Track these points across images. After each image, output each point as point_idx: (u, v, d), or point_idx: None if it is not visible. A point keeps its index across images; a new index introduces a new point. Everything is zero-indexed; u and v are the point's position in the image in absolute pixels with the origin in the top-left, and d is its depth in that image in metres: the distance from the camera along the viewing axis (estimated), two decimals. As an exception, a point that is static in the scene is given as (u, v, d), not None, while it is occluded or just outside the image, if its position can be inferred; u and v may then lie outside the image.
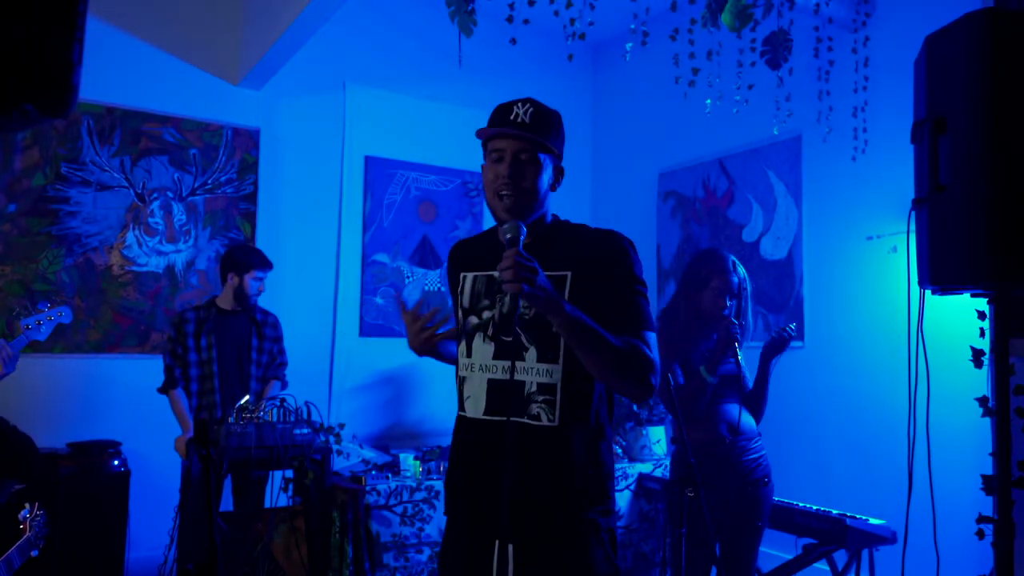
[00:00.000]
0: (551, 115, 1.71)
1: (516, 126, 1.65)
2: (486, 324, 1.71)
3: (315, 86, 5.01)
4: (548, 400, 1.65)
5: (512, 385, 1.66)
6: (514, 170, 1.65)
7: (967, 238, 1.72)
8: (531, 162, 1.66)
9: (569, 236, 1.74)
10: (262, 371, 3.74)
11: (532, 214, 1.69)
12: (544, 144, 1.67)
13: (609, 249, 1.70)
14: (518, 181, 1.65)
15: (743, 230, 4.80)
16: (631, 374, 1.61)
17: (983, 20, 1.72)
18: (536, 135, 1.65)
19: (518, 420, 1.65)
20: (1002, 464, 1.78)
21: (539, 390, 1.65)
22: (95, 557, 3.68)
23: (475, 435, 1.70)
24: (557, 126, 1.72)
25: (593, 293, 1.65)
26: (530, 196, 1.67)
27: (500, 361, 1.68)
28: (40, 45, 0.61)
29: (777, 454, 4.37)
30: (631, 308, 1.65)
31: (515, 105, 1.69)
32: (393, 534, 3.20)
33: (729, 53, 3.80)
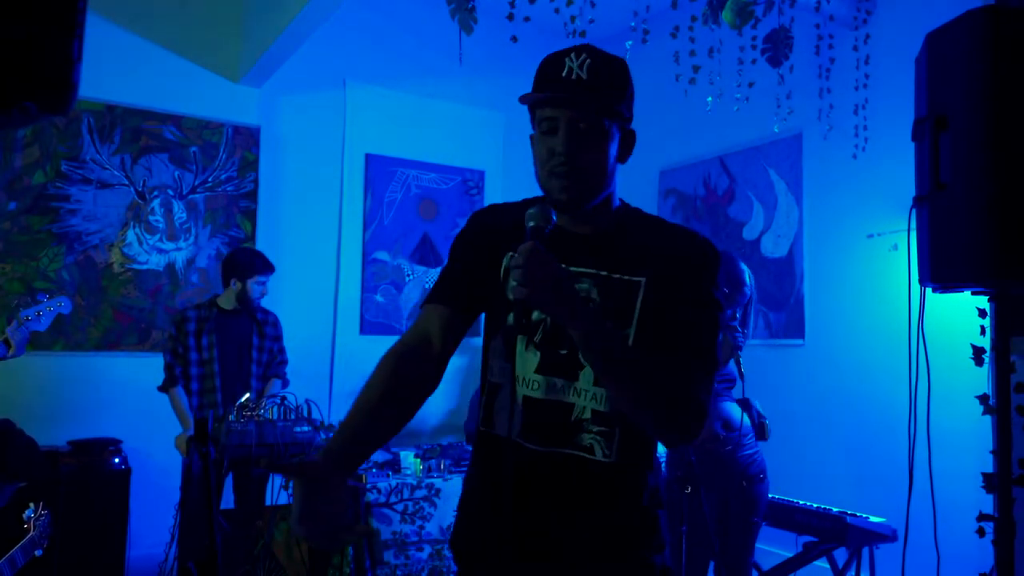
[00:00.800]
0: (615, 65, 1.32)
1: (570, 86, 1.28)
2: (535, 327, 1.36)
3: (315, 84, 5.01)
4: (605, 432, 1.32)
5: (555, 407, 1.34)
6: (572, 144, 1.28)
7: (968, 236, 1.72)
8: (593, 132, 1.28)
9: (645, 230, 1.38)
10: (262, 370, 3.75)
11: (596, 197, 1.33)
12: (609, 107, 1.29)
13: (694, 255, 1.34)
14: (577, 158, 1.28)
15: (744, 228, 4.79)
16: (668, 419, 1.26)
17: (984, 17, 1.72)
18: (598, 96, 1.28)
19: (562, 451, 1.33)
20: (1003, 462, 1.78)
21: (594, 418, 1.32)
22: (96, 555, 3.69)
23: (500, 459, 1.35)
24: (623, 78, 1.33)
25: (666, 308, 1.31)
26: (593, 175, 1.31)
27: (543, 376, 1.35)
28: (40, 42, 0.61)
29: (777, 452, 4.37)
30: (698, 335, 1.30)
31: (567, 57, 1.30)
32: (393, 532, 3.20)
33: (730, 51, 3.79)
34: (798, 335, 4.42)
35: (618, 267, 1.33)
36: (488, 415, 1.40)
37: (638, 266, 1.33)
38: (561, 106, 1.28)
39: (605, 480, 1.33)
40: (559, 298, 1.19)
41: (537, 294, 1.17)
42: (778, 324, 4.53)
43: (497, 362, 1.40)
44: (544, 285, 1.17)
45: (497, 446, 1.37)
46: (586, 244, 1.36)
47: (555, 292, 1.19)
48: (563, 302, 1.20)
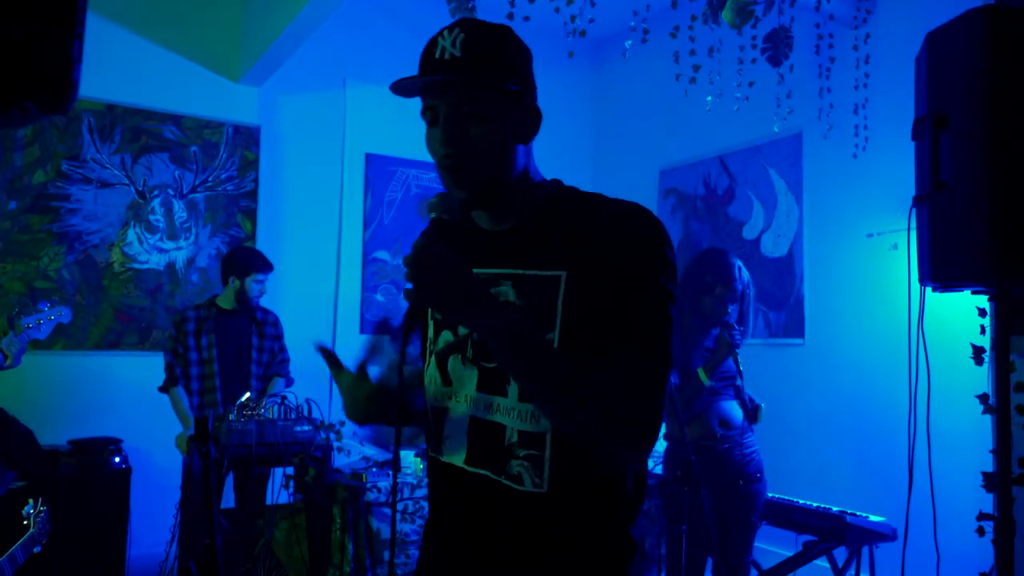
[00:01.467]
0: (494, 36, 1.14)
1: (444, 67, 1.12)
2: (463, 343, 1.20)
3: (316, 83, 5.01)
4: (533, 456, 1.12)
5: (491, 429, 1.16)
6: (453, 133, 1.12)
7: (968, 235, 1.72)
8: (477, 114, 1.11)
9: (571, 215, 1.17)
10: (263, 370, 3.75)
11: (499, 187, 1.15)
12: (491, 82, 1.12)
13: (626, 232, 1.11)
14: (463, 147, 1.12)
15: (744, 227, 4.79)
16: (610, 431, 1.05)
17: (984, 17, 1.72)
18: (474, 73, 1.11)
19: (494, 477, 1.15)
20: (1002, 461, 1.78)
21: (521, 440, 1.13)
22: (96, 554, 3.69)
23: (454, 489, 1.22)
24: (507, 49, 1.15)
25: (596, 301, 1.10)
26: (486, 161, 1.13)
27: (483, 395, 1.17)
28: (40, 42, 0.61)
29: (777, 451, 4.37)
30: (639, 327, 1.08)
31: (440, 37, 1.14)
32: (394, 531, 3.21)
33: (730, 50, 3.79)
34: (798, 335, 4.42)
35: (535, 262, 1.14)
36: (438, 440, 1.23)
37: (559, 258, 1.13)
38: (437, 93, 1.14)
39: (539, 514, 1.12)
40: (457, 300, 1.03)
41: (430, 295, 1.03)
42: (778, 324, 4.53)
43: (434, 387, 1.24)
44: (439, 285, 1.02)
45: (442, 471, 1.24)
46: (503, 240, 1.19)
47: (452, 293, 1.02)
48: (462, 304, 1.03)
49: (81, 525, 3.63)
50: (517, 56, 1.16)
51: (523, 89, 1.16)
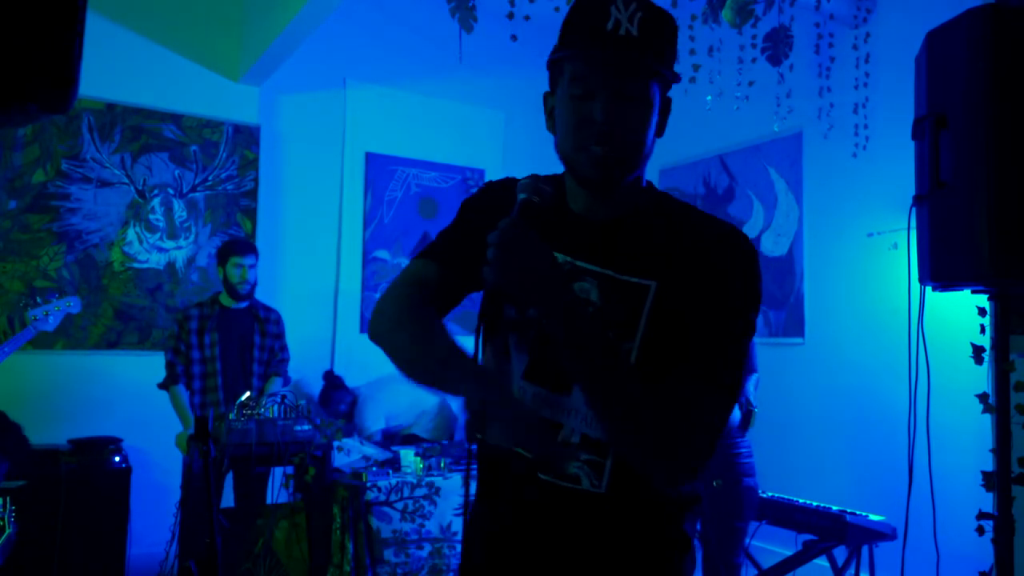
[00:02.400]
0: (667, 20, 1.08)
1: (620, 44, 1.03)
2: (524, 325, 1.14)
3: (316, 83, 5.01)
4: (593, 461, 1.09)
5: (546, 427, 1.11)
6: (614, 113, 1.04)
7: (968, 235, 1.72)
8: (638, 100, 1.05)
9: (669, 221, 1.13)
10: (264, 368, 3.75)
11: (630, 175, 1.10)
12: (659, 72, 1.06)
13: (723, 254, 1.08)
14: (621, 130, 1.05)
15: (744, 227, 4.79)
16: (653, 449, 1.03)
17: (984, 16, 1.72)
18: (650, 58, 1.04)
19: (546, 479, 1.12)
20: (1002, 460, 1.78)
21: (584, 443, 1.10)
22: (96, 553, 3.69)
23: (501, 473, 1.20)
24: (674, 39, 1.10)
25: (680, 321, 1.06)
26: (634, 152, 1.08)
27: (531, 386, 1.13)
28: (40, 41, 0.61)
29: (777, 450, 4.38)
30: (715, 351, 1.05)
31: (612, 6, 1.04)
32: (393, 530, 3.21)
33: (730, 49, 3.79)
34: (798, 334, 4.42)
35: (628, 266, 1.09)
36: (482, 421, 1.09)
37: (652, 266, 1.09)
38: (609, 69, 1.04)
39: (597, 514, 1.11)
40: (538, 290, 1.00)
41: (510, 280, 0.99)
42: (778, 323, 4.53)
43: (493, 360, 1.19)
44: (520, 271, 0.99)
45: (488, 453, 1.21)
46: (596, 234, 1.13)
47: (532, 281, 0.99)
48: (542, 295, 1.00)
49: (81, 524, 3.63)
50: (675, 48, 1.12)
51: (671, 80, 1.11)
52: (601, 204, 1.14)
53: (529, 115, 5.76)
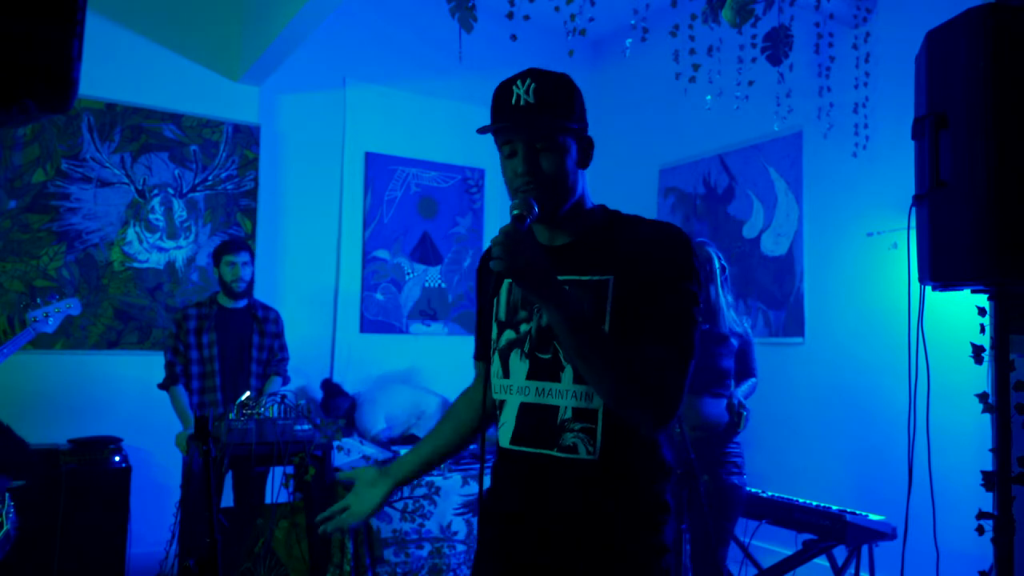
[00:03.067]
0: (560, 84, 1.40)
1: (520, 112, 1.38)
2: (523, 339, 1.46)
3: (315, 82, 5.01)
4: (587, 428, 1.38)
5: (542, 411, 1.41)
6: (530, 164, 1.38)
7: (968, 234, 1.72)
8: (549, 149, 1.38)
9: (617, 231, 1.46)
10: (262, 368, 3.75)
11: (564, 205, 1.42)
12: (558, 125, 1.38)
13: (659, 246, 1.40)
14: (538, 174, 1.38)
15: (743, 226, 4.79)
16: (634, 398, 1.32)
17: (984, 15, 1.72)
18: (547, 117, 1.37)
19: (547, 452, 1.40)
20: (1002, 460, 1.78)
21: (576, 416, 1.39)
22: (97, 552, 3.69)
23: (506, 467, 1.49)
24: (569, 94, 1.42)
25: (636, 300, 1.37)
26: (557, 187, 1.39)
27: (533, 382, 1.44)
28: (40, 41, 0.61)
29: (777, 450, 4.38)
30: (665, 319, 1.35)
31: (514, 85, 1.39)
32: (393, 530, 3.21)
33: (729, 49, 3.79)
34: (798, 333, 4.42)
35: (589, 269, 1.41)
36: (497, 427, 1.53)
37: (608, 266, 1.40)
38: (515, 133, 1.39)
39: (591, 478, 1.38)
40: (533, 271, 1.26)
41: (514, 266, 1.24)
42: (778, 322, 4.54)
43: (497, 380, 1.50)
44: (521, 259, 1.25)
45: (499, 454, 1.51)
46: (561, 254, 1.44)
47: (529, 266, 1.25)
48: (536, 276, 1.27)
49: (81, 524, 3.64)
50: (576, 99, 1.43)
51: (580, 127, 1.43)
52: (556, 232, 1.47)
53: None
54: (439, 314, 5.38)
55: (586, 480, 1.38)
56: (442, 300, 5.40)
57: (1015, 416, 1.81)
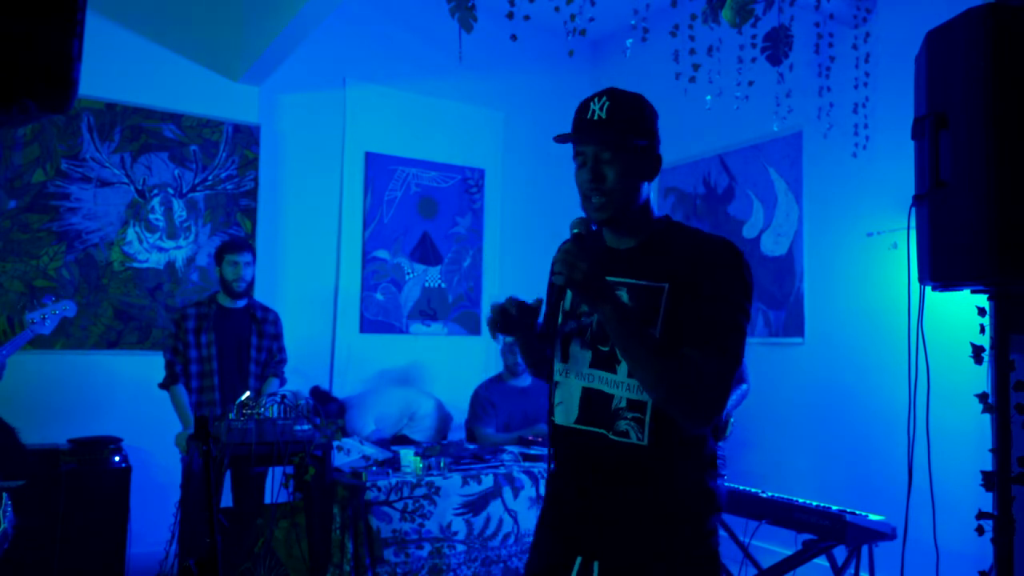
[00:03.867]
0: (632, 103, 1.58)
1: (592, 126, 1.55)
2: (585, 330, 1.62)
3: (315, 82, 5.01)
4: (637, 418, 1.53)
5: (601, 397, 1.57)
6: (596, 173, 1.54)
7: (968, 234, 1.72)
8: (614, 161, 1.54)
9: (674, 243, 1.59)
10: (260, 368, 3.75)
11: (626, 213, 1.58)
12: (624, 140, 1.54)
13: (713, 258, 1.52)
14: (601, 184, 1.54)
15: (744, 226, 4.79)
16: (675, 398, 1.45)
17: (984, 15, 1.72)
18: (614, 132, 1.54)
19: (605, 433, 1.55)
20: (1002, 460, 1.78)
21: (629, 406, 1.54)
22: (96, 552, 3.69)
23: (565, 444, 1.63)
24: (640, 112, 1.59)
25: (687, 308, 1.50)
26: (620, 197, 1.55)
27: (596, 371, 1.59)
28: (40, 40, 0.61)
29: (777, 450, 4.38)
30: (711, 327, 1.47)
31: (592, 101, 1.57)
32: (393, 530, 3.20)
33: (729, 49, 3.79)
34: (797, 333, 4.42)
35: (646, 275, 1.55)
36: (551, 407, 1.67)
37: (664, 274, 1.53)
38: (585, 143, 1.55)
39: (640, 462, 1.52)
40: (590, 284, 1.44)
41: (573, 279, 1.44)
42: (778, 322, 4.54)
43: (556, 364, 1.66)
44: (579, 273, 1.43)
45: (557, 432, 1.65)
46: (623, 257, 1.60)
47: (586, 279, 1.44)
48: (593, 288, 1.45)
49: (81, 524, 3.63)
50: (646, 117, 1.60)
51: (649, 143, 1.59)
52: (622, 237, 1.62)
53: (528, 115, 5.77)
54: (439, 314, 5.38)
55: (637, 464, 1.52)
56: (442, 300, 5.40)
57: (1015, 416, 1.81)
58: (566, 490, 1.63)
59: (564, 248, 1.47)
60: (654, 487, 1.53)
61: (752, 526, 3.31)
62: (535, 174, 5.70)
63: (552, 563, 1.63)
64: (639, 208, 1.59)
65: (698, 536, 1.54)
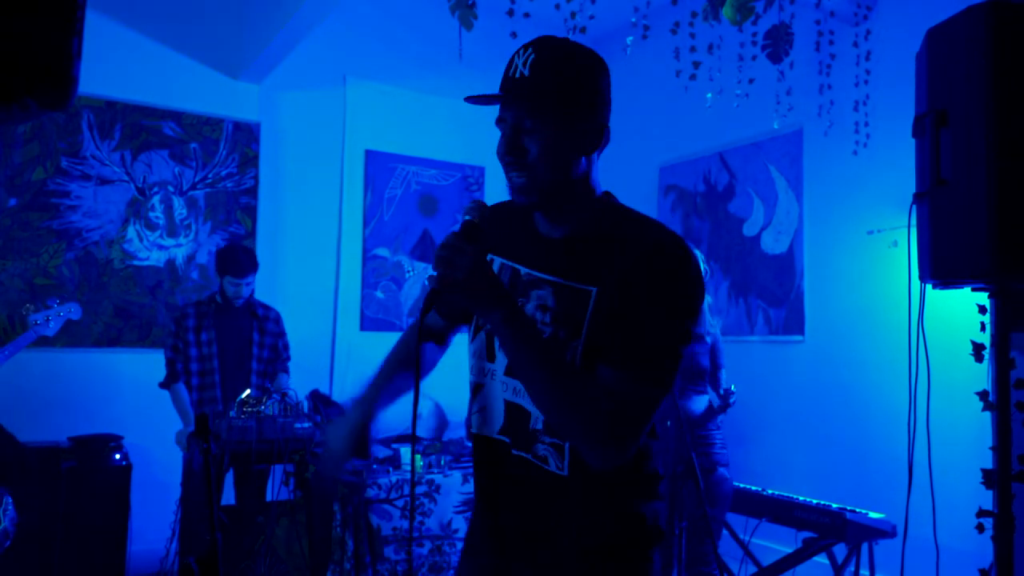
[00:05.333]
0: (565, 57, 1.23)
1: (512, 86, 1.23)
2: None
3: (315, 80, 5.01)
4: (556, 444, 1.25)
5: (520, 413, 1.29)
6: (513, 145, 1.23)
7: (968, 232, 1.72)
8: (536, 131, 1.22)
9: (613, 234, 1.27)
10: (263, 366, 3.75)
11: (555, 191, 1.25)
12: (551, 104, 1.21)
13: (655, 260, 1.21)
14: (521, 158, 1.22)
15: (744, 224, 4.79)
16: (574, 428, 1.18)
17: (984, 13, 1.72)
18: (537, 95, 1.21)
19: (525, 456, 1.29)
20: (1002, 458, 1.78)
21: (546, 429, 1.26)
22: (97, 550, 3.69)
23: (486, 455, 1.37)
24: (574, 69, 1.24)
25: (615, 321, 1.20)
26: (543, 172, 1.22)
27: (509, 380, 1.30)
28: (39, 38, 0.61)
29: (777, 448, 4.38)
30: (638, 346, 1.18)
31: (514, 57, 1.24)
32: (394, 527, 3.21)
33: (730, 47, 3.79)
34: (798, 331, 4.42)
35: (574, 275, 1.25)
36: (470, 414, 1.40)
37: (595, 274, 1.24)
38: (503, 106, 1.25)
39: (560, 495, 1.26)
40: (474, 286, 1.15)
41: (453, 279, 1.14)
42: (778, 320, 4.53)
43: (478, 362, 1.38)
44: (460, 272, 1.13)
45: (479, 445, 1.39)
46: (552, 249, 1.30)
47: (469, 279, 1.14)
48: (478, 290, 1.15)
49: (82, 522, 3.64)
50: (583, 76, 1.25)
51: (589, 109, 1.26)
52: (555, 223, 1.31)
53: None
54: (439, 312, 5.38)
55: (557, 496, 1.26)
56: (442, 298, 5.40)
57: (1015, 414, 1.81)
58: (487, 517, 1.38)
59: (446, 241, 1.16)
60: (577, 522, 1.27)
61: (752, 524, 3.32)
62: (535, 172, 5.70)
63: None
64: (574, 189, 1.27)
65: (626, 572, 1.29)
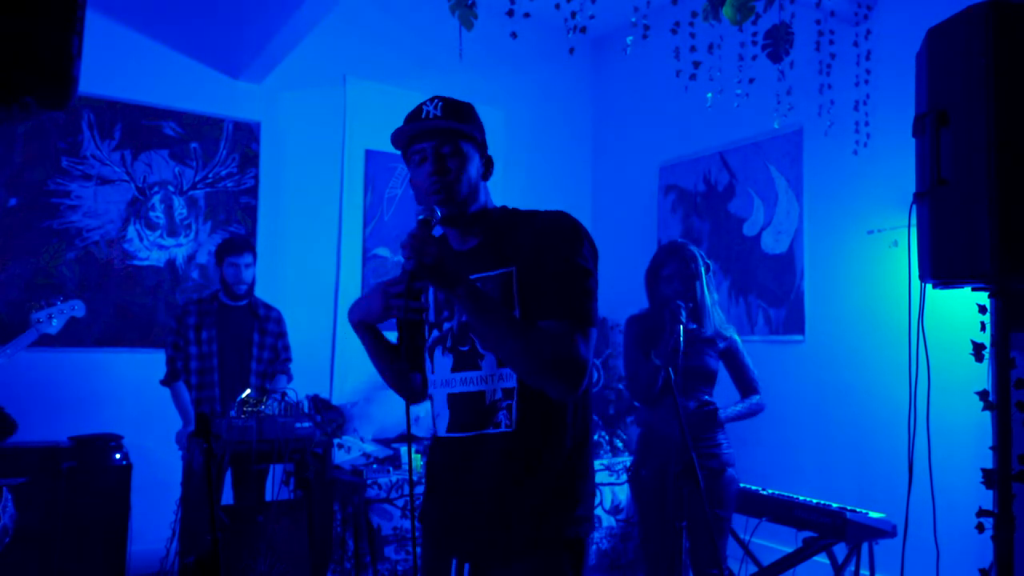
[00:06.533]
0: (463, 105, 1.64)
1: (430, 122, 1.58)
2: (445, 336, 1.63)
3: (316, 80, 5.01)
4: (508, 404, 1.55)
5: (471, 398, 1.57)
6: (438, 165, 1.57)
7: (968, 232, 1.72)
8: (455, 154, 1.58)
9: (516, 229, 1.61)
10: (263, 366, 3.75)
11: (470, 206, 1.61)
12: (463, 132, 1.58)
13: (552, 232, 1.56)
14: (445, 176, 1.57)
15: (744, 224, 4.79)
16: (541, 369, 1.48)
17: (985, 13, 1.72)
18: (452, 123, 1.57)
19: (482, 432, 1.56)
20: (1002, 458, 1.78)
21: (504, 395, 1.55)
22: (97, 550, 3.69)
23: (441, 454, 1.65)
24: (471, 114, 1.64)
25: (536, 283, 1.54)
26: (461, 187, 1.58)
27: (459, 373, 1.60)
28: (40, 38, 0.61)
29: (777, 447, 4.38)
30: (562, 296, 1.51)
31: (423, 105, 1.61)
32: (394, 527, 3.21)
33: (730, 46, 3.79)
34: (798, 331, 4.42)
35: (495, 265, 1.58)
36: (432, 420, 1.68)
37: (508, 259, 1.57)
38: (425, 138, 1.57)
39: (510, 450, 1.54)
40: (441, 267, 1.44)
41: (423, 264, 1.42)
42: (778, 320, 4.53)
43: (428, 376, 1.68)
44: (428, 256, 1.43)
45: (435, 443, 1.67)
46: (471, 255, 1.62)
47: (436, 261, 1.43)
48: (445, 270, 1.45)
49: (82, 521, 3.64)
50: (477, 120, 1.65)
51: (479, 143, 1.63)
52: (466, 236, 1.64)
53: (529, 113, 5.77)
54: (439, 312, 5.38)
55: (507, 452, 1.53)
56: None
57: (1015, 414, 1.81)
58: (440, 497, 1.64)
59: (411, 234, 1.47)
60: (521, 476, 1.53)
61: (752, 523, 3.31)
62: (535, 172, 5.70)
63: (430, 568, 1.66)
64: (480, 206, 1.62)
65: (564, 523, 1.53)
